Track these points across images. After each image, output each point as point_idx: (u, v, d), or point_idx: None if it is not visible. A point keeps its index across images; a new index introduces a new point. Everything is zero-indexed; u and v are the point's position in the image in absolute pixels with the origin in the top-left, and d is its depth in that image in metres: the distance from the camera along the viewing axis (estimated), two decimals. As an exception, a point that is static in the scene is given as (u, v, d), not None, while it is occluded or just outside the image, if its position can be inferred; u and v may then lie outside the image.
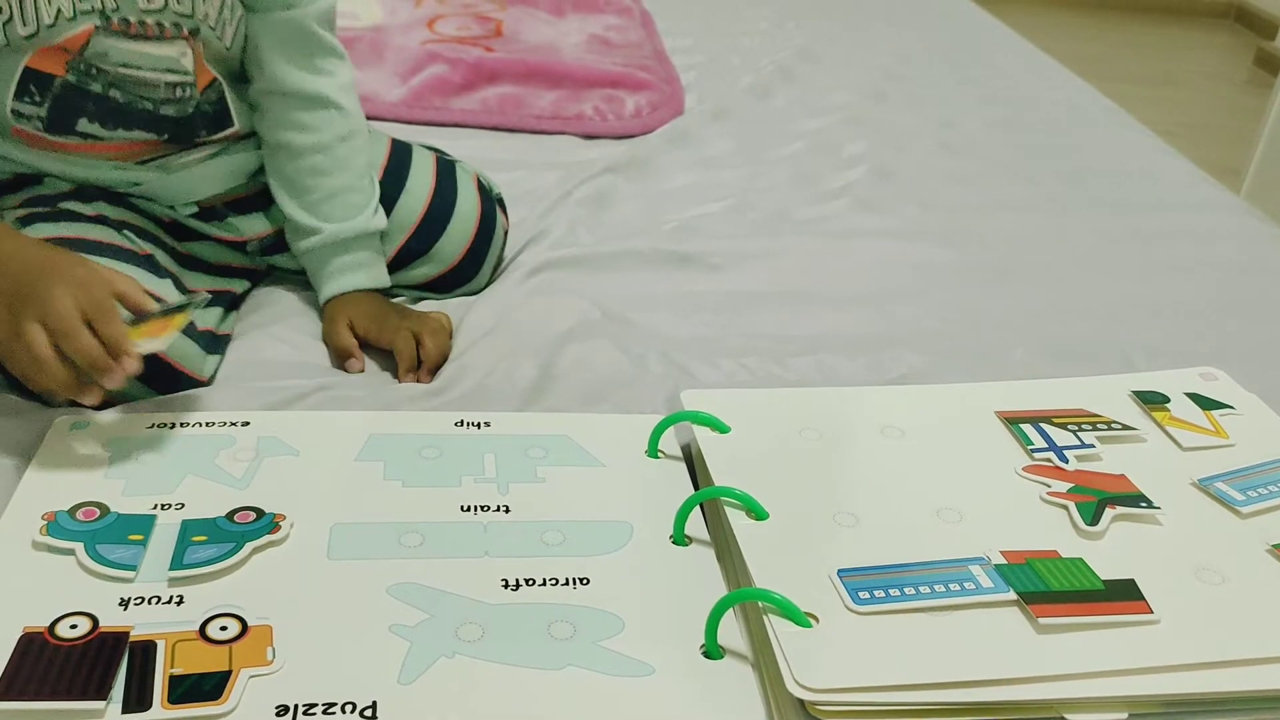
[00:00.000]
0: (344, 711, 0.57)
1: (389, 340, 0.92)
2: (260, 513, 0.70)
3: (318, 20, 0.94)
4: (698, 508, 0.73)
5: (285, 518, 0.70)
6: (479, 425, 0.81)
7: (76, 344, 0.71)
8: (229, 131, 0.94)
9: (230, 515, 0.70)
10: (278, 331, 0.95)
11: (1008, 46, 2.01)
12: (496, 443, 0.79)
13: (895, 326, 1.04)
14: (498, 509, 0.73)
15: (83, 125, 0.87)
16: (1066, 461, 0.79)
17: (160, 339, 0.75)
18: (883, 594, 0.64)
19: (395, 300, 1.00)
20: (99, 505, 0.70)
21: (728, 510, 0.71)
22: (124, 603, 0.63)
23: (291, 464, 0.76)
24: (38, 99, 0.85)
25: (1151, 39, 3.09)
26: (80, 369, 0.72)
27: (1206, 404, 0.87)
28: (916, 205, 1.30)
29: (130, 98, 0.87)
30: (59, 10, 0.81)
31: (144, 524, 0.69)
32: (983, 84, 1.76)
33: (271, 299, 1.01)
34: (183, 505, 0.71)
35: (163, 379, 0.82)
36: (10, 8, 0.80)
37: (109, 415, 0.79)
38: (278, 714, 0.56)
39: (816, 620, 0.62)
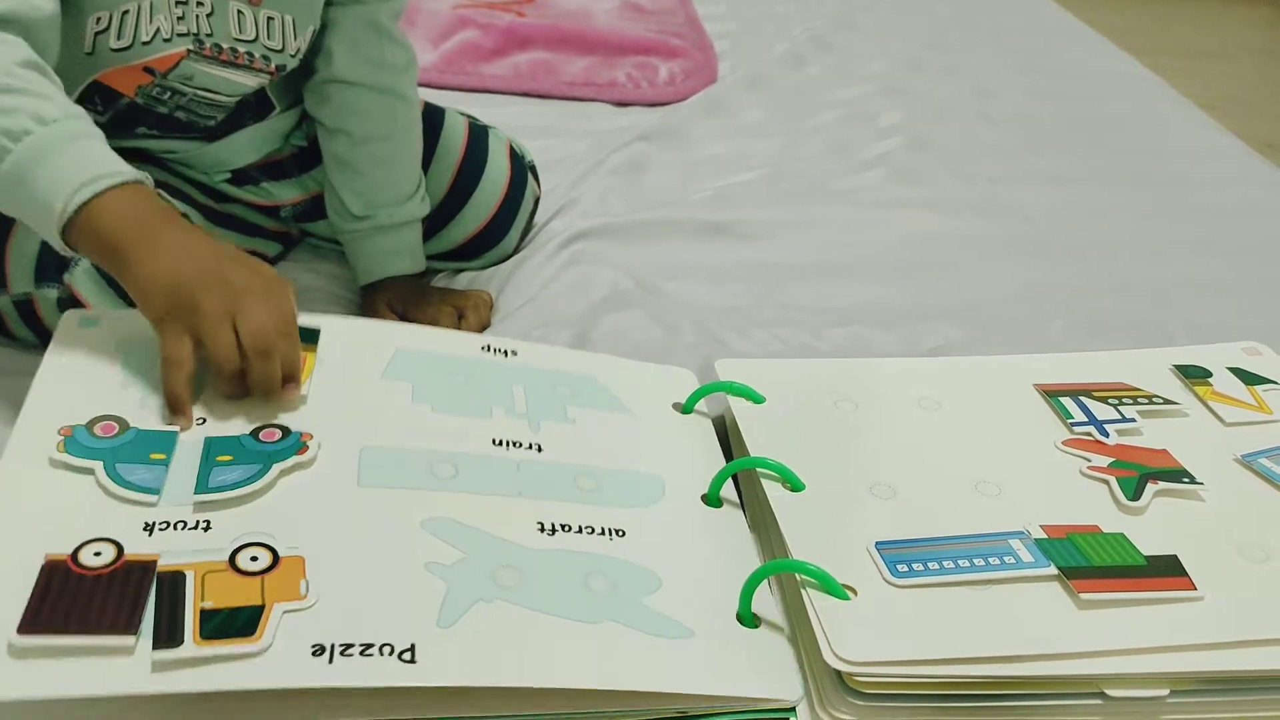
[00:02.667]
0: (382, 653, 0.53)
1: (430, 317, 0.92)
2: (286, 431, 0.66)
3: (389, 15, 0.94)
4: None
5: (312, 437, 0.66)
6: (506, 353, 0.80)
7: (267, 368, 0.66)
8: (271, 115, 0.94)
9: (255, 433, 0.66)
10: (313, 299, 0.95)
11: (1045, 15, 1.98)
12: (525, 375, 0.78)
13: (931, 298, 1.02)
14: (530, 447, 0.71)
15: (140, 132, 0.88)
16: (1107, 435, 0.77)
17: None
18: (921, 567, 0.63)
19: (432, 279, 1.00)
20: (118, 420, 0.65)
21: (763, 480, 0.70)
22: (148, 527, 0.59)
23: (316, 374, 0.71)
24: (100, 109, 0.85)
25: (1192, 11, 3.03)
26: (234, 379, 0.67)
27: (1250, 379, 0.85)
28: (953, 176, 1.28)
29: (193, 117, 0.88)
30: (157, 30, 0.81)
31: (166, 441, 0.64)
32: (1020, 54, 1.73)
33: (306, 268, 1.00)
34: (204, 420, 0.66)
35: None
36: (111, 21, 0.79)
37: (121, 312, 0.74)
38: (314, 653, 0.53)
39: (854, 593, 0.61)
